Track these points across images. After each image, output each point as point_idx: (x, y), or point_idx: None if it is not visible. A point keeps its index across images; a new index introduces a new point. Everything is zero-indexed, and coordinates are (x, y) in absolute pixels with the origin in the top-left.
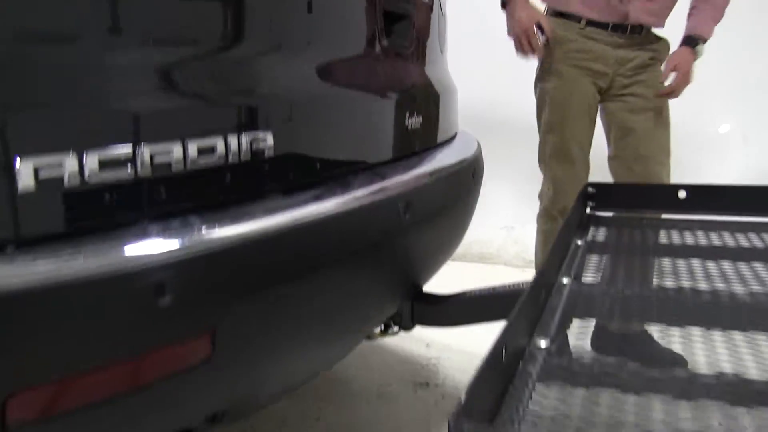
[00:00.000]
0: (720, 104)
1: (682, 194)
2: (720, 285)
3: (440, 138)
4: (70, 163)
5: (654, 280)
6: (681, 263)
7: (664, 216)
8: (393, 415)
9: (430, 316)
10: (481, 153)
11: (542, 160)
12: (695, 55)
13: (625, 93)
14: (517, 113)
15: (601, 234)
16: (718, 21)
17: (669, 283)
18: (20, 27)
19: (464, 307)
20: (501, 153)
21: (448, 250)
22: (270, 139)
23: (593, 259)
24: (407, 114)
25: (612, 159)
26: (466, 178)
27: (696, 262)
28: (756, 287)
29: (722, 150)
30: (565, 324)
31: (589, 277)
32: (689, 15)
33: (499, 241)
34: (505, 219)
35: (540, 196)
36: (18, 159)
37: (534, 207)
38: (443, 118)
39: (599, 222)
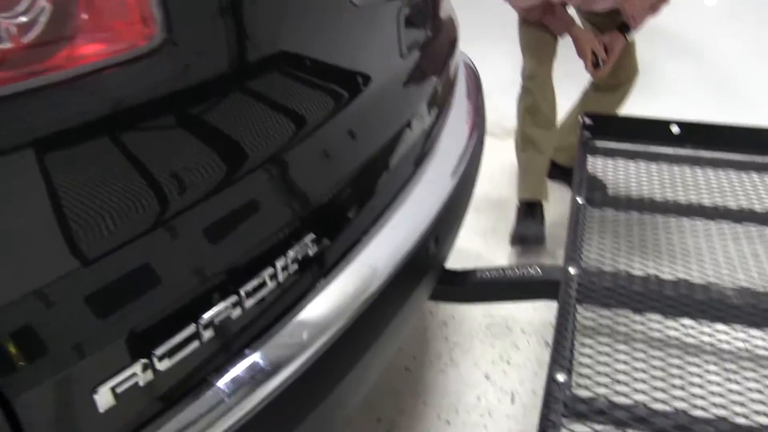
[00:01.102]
0: None
1: (675, 129)
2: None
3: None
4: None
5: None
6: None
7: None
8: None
9: (445, 293)
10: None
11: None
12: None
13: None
14: None
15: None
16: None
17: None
18: None
19: (476, 287)
20: (480, 18)
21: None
22: None
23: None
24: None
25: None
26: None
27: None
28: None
29: None
30: None
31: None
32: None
33: None
34: (483, 85)
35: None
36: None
37: (513, 74)
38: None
39: (595, 151)
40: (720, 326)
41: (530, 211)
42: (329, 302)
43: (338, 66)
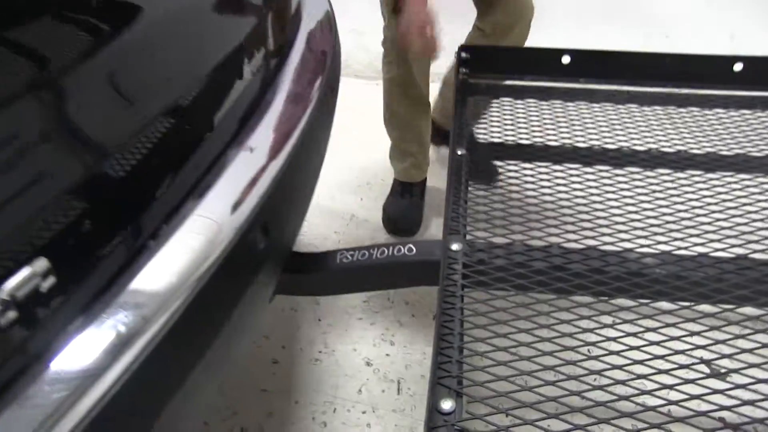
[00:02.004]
0: None
1: (565, 59)
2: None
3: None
4: None
5: None
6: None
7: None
8: None
9: (296, 284)
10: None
11: None
12: None
13: None
14: None
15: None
16: None
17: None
18: None
19: (336, 274)
20: None
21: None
22: None
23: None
24: None
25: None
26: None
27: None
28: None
29: None
30: None
31: None
32: None
33: (349, 47)
34: (353, 21)
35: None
36: None
37: None
38: None
39: (475, 91)
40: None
41: (407, 189)
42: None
43: None
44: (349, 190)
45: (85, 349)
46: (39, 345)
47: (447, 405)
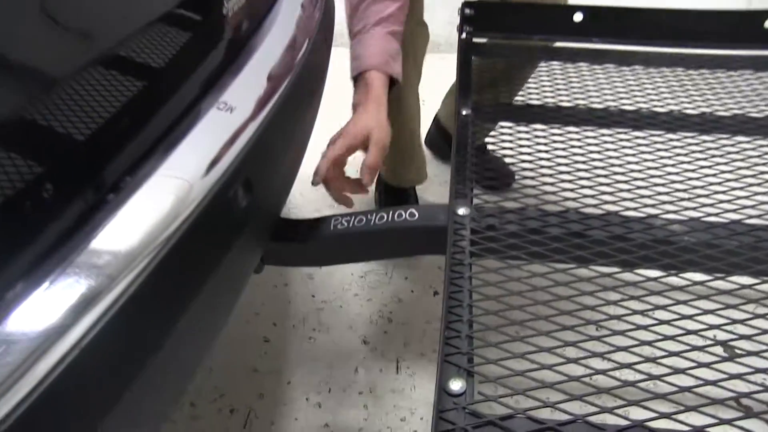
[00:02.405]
0: None
1: (578, 17)
2: None
3: None
4: None
5: None
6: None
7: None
8: None
9: (285, 253)
10: None
11: None
12: None
13: None
14: None
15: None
16: None
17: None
18: None
19: (329, 243)
20: None
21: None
22: None
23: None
24: None
25: None
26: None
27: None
28: None
29: None
30: None
31: None
32: None
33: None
34: None
35: None
36: None
37: None
38: None
39: (480, 51)
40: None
41: (394, 198)
42: None
43: None
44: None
45: (40, 310)
46: None
47: (456, 386)
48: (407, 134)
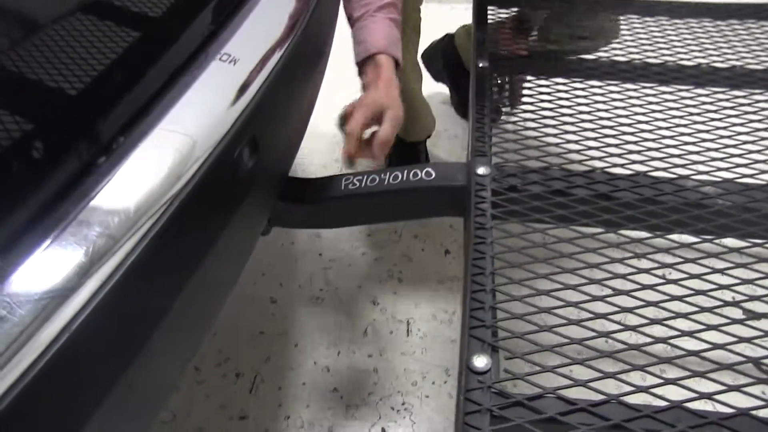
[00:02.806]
0: None
1: None
2: None
3: None
4: None
5: None
6: None
7: None
8: None
9: (294, 214)
10: None
11: None
12: None
13: None
14: None
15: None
16: None
17: None
18: None
19: (340, 203)
20: None
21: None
22: None
23: None
24: None
25: None
26: None
27: None
28: None
29: None
30: None
31: None
32: None
33: None
34: None
35: None
36: None
37: None
38: None
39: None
40: (708, 245)
41: (404, 154)
42: None
43: None
44: None
45: (44, 270)
46: None
47: (481, 362)
48: (409, 93)
